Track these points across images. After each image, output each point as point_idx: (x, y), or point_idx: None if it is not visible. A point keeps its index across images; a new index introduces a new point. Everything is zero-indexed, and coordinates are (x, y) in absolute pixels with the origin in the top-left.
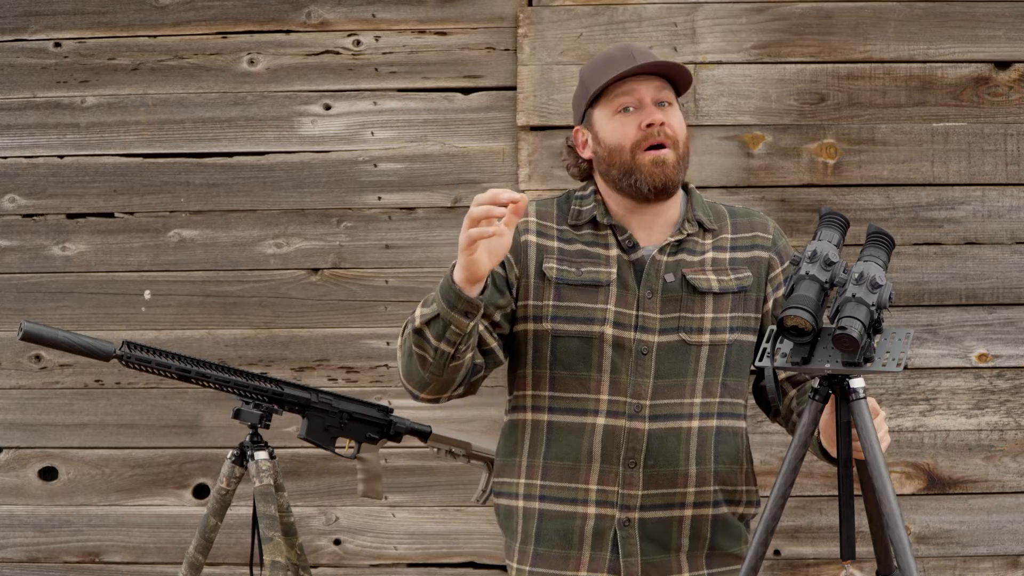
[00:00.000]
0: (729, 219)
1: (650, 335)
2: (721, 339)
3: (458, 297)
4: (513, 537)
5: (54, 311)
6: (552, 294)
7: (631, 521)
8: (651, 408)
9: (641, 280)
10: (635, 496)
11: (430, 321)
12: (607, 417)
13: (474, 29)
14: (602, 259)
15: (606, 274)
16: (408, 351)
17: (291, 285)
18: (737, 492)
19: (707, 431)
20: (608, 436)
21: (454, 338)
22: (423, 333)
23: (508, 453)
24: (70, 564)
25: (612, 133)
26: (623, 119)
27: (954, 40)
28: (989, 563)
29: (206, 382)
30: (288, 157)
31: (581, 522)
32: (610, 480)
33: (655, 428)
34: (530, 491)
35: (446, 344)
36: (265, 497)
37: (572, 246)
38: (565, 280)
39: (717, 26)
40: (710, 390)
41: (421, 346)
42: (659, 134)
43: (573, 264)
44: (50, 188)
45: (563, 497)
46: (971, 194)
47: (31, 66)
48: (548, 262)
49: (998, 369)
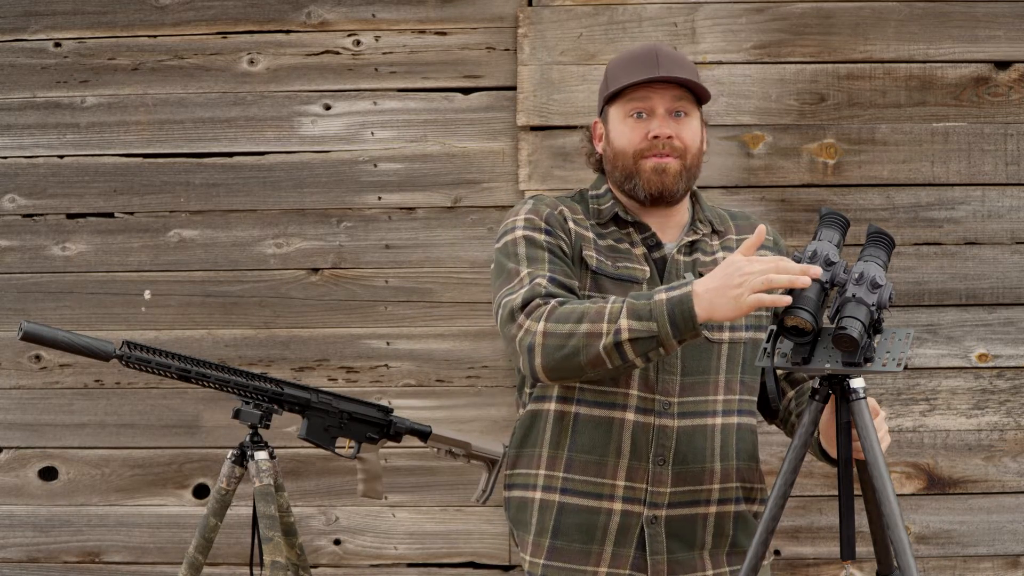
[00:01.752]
0: (731, 221)
1: None
2: (739, 337)
3: (692, 327)
4: (526, 529)
5: (54, 311)
6: (589, 283)
7: (658, 519)
8: (679, 405)
9: (663, 278)
10: (663, 493)
11: (639, 338)
12: (636, 413)
13: (474, 29)
14: (633, 256)
15: (642, 271)
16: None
17: (291, 285)
18: (754, 490)
19: (729, 428)
20: (638, 432)
21: (655, 357)
22: (623, 347)
23: (527, 444)
24: (70, 564)
25: (620, 136)
26: (634, 124)
27: (954, 40)
28: (989, 563)
29: (206, 382)
30: (288, 157)
31: (606, 517)
32: (638, 477)
33: (683, 425)
34: (551, 483)
35: (642, 360)
36: (265, 497)
37: (603, 241)
38: (603, 271)
39: (717, 26)
40: (731, 387)
41: (610, 354)
42: (664, 147)
43: (608, 257)
44: (50, 188)
45: (587, 491)
46: (971, 194)
47: (31, 66)
48: (587, 250)
49: (998, 369)
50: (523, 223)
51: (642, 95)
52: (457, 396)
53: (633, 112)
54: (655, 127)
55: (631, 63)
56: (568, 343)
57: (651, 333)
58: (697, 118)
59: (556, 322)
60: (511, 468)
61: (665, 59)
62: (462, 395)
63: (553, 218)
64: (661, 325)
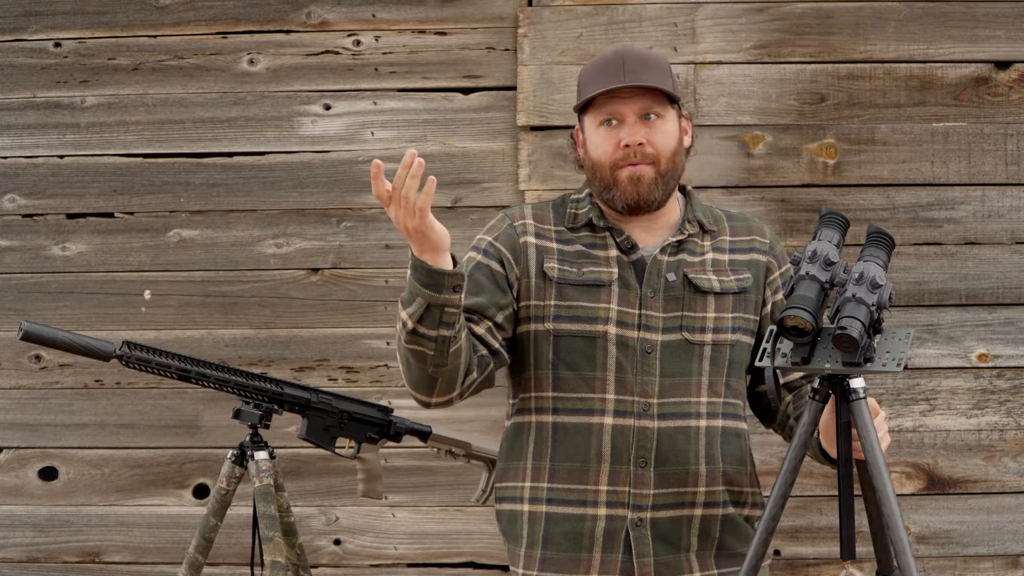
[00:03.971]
0: (727, 222)
1: (654, 334)
2: (724, 339)
3: (440, 274)
4: (517, 543)
5: (54, 311)
6: (554, 294)
7: (643, 521)
8: (659, 406)
9: (643, 279)
10: (647, 496)
11: (422, 317)
12: (615, 416)
13: (474, 29)
14: (602, 260)
15: (607, 274)
16: (406, 358)
17: (291, 285)
18: (743, 494)
19: (714, 431)
20: (617, 436)
21: (451, 319)
22: (417, 331)
23: (512, 457)
24: (70, 564)
25: (595, 147)
26: (606, 133)
27: (954, 40)
28: (989, 563)
29: (206, 382)
30: (288, 157)
31: (591, 524)
32: (621, 480)
33: (664, 426)
34: (536, 494)
35: (445, 328)
36: (265, 497)
37: (571, 247)
38: (567, 280)
39: (717, 26)
40: (715, 390)
41: (419, 343)
42: (636, 155)
43: (574, 264)
44: (50, 188)
45: (572, 499)
46: (971, 194)
47: (31, 66)
48: (549, 262)
49: (998, 369)
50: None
51: (610, 103)
52: None
53: (603, 120)
54: (625, 135)
55: (598, 71)
56: (400, 356)
57: (422, 306)
58: (671, 118)
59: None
60: (499, 482)
61: (632, 63)
62: None
63: (505, 235)
64: (422, 294)
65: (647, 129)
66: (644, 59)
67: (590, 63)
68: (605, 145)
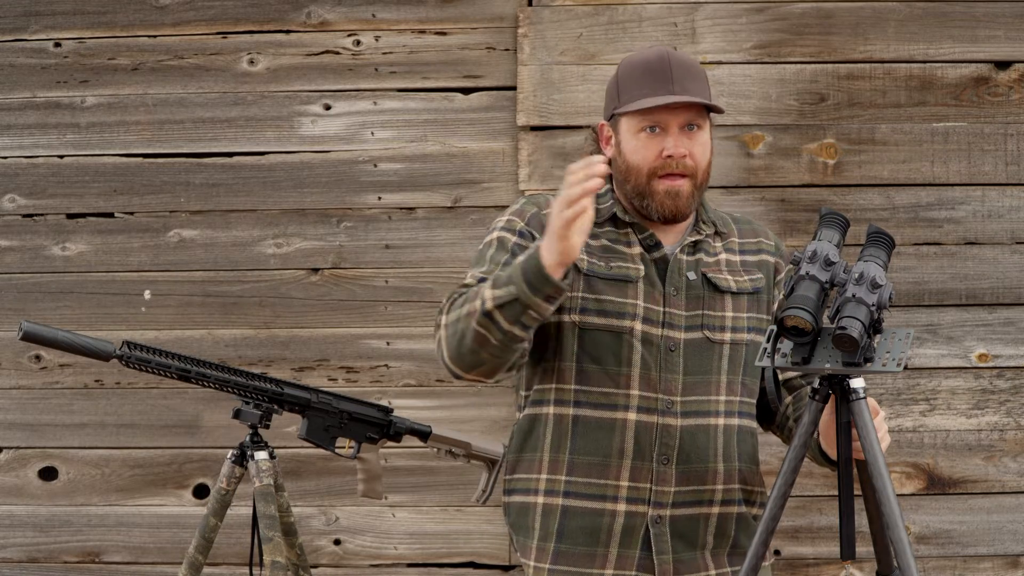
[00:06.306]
0: (734, 225)
1: (677, 332)
2: (740, 338)
3: (546, 281)
4: (528, 535)
5: (54, 311)
6: (582, 286)
7: (663, 518)
8: (682, 404)
9: (666, 277)
10: (667, 493)
11: (504, 304)
12: (639, 413)
13: (474, 29)
14: (628, 256)
15: (635, 270)
16: (462, 332)
17: (291, 285)
18: (754, 492)
19: (731, 429)
20: (641, 432)
21: (530, 323)
22: (493, 316)
23: (527, 448)
24: (70, 564)
25: (633, 152)
26: (647, 140)
27: (954, 40)
28: (989, 563)
29: (206, 382)
30: (288, 157)
31: (610, 519)
32: (642, 476)
33: (687, 424)
34: (553, 487)
35: (519, 328)
36: (265, 497)
37: (596, 241)
38: (595, 273)
39: (717, 26)
40: (732, 388)
41: (487, 327)
42: (678, 166)
43: (601, 258)
44: (50, 188)
45: (591, 494)
46: (971, 194)
47: (31, 66)
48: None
49: (998, 369)
50: (503, 224)
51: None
52: (457, 396)
53: (646, 127)
54: (669, 146)
55: (644, 76)
56: (458, 328)
57: (512, 296)
58: (708, 128)
59: (451, 312)
60: (510, 473)
61: (679, 72)
62: (462, 395)
63: (536, 219)
64: (518, 285)
65: (689, 140)
66: (688, 68)
67: (632, 62)
68: (645, 152)
